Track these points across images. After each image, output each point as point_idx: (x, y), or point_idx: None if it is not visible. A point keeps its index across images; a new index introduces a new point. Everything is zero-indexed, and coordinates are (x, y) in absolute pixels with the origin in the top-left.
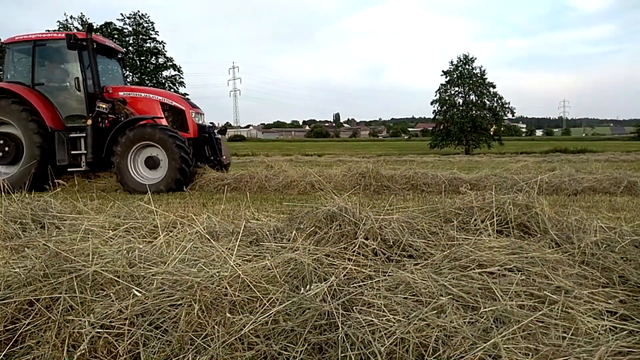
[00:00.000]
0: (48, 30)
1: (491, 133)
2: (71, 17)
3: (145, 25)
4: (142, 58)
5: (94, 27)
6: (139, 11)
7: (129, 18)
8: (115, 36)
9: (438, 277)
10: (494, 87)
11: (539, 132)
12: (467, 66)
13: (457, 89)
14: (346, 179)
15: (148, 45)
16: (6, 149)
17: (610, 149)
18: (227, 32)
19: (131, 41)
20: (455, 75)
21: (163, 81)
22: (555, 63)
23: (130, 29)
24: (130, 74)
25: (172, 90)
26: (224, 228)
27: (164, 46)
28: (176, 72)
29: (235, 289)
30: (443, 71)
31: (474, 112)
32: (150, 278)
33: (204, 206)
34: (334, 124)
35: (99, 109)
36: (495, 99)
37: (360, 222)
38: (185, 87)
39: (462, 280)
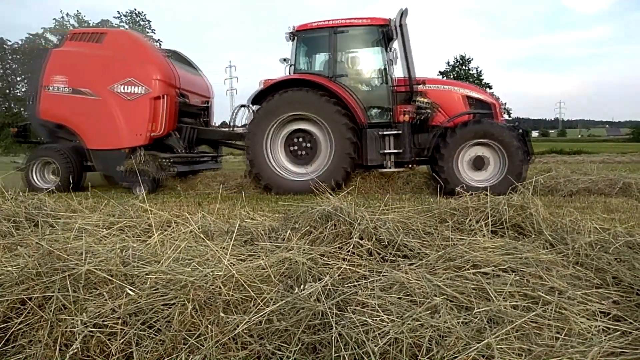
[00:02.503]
0: (44, 28)
1: None
2: (67, 14)
3: (142, 23)
4: None
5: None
6: (135, 9)
7: (125, 16)
8: None
9: (432, 277)
10: (490, 87)
11: (535, 133)
12: (463, 66)
13: None
14: None
15: None
16: (302, 152)
17: (605, 150)
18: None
19: None
20: (452, 76)
21: None
22: (552, 64)
23: (126, 26)
24: None
25: None
26: (219, 227)
27: (160, 44)
28: None
29: (229, 289)
30: (440, 72)
31: None
32: (144, 277)
33: (199, 205)
34: None
35: (419, 103)
36: None
37: (355, 222)
38: None
39: (457, 280)
